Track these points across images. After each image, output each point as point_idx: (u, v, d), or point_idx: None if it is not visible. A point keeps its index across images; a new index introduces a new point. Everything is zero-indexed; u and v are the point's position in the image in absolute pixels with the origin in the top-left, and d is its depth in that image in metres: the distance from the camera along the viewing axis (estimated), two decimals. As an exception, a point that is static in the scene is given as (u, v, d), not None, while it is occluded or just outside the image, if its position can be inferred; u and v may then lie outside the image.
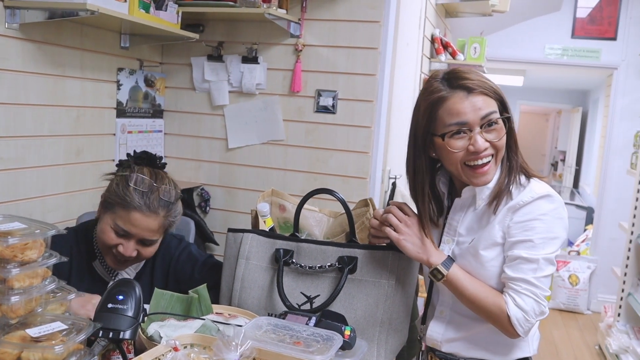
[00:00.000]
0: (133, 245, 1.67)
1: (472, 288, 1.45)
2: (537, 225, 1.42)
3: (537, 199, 1.43)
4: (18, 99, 2.11)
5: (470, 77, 1.43)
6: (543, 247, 1.42)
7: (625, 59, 5.59)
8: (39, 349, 1.04)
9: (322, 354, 1.18)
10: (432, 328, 1.60)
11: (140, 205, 1.63)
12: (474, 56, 4.29)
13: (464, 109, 1.40)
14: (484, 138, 1.41)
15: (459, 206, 1.56)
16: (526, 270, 1.41)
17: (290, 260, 1.63)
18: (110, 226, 1.65)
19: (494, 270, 1.46)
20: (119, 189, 1.65)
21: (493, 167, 1.45)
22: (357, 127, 2.71)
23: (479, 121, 1.40)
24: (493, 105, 1.43)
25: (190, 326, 1.38)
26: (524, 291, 1.41)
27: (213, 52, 2.88)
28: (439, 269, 1.46)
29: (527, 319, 1.40)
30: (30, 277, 1.10)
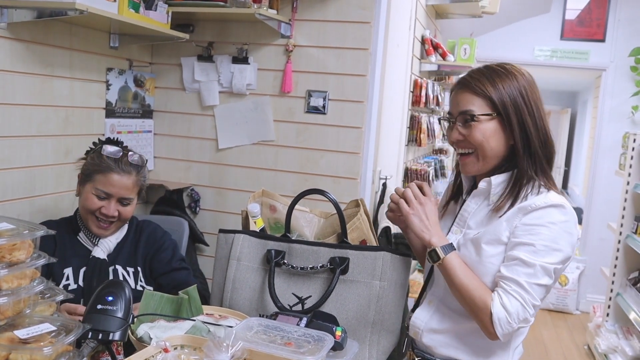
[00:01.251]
0: (114, 206, 1.91)
1: (463, 277, 1.44)
2: (542, 232, 1.41)
3: (550, 206, 1.43)
4: (5, 99, 2.09)
5: (474, 74, 1.52)
6: (544, 255, 1.40)
7: (613, 60, 5.63)
8: (27, 351, 1.03)
9: (313, 355, 1.17)
10: (416, 314, 1.61)
11: (115, 167, 1.90)
12: (463, 57, 4.30)
13: (452, 102, 1.55)
14: (459, 131, 1.51)
15: (474, 199, 1.57)
16: (521, 272, 1.40)
17: (282, 261, 1.63)
18: (92, 193, 1.89)
19: (491, 267, 1.46)
20: (94, 160, 1.92)
21: (474, 160, 1.51)
22: (348, 128, 2.70)
23: (456, 114, 1.51)
24: (476, 104, 1.48)
25: (180, 327, 1.38)
26: (512, 292, 1.39)
27: (203, 53, 2.87)
28: (437, 250, 1.47)
29: (508, 321, 1.38)
30: (18, 278, 1.08)
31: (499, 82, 1.48)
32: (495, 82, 1.48)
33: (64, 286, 1.87)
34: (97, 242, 1.95)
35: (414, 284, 4.68)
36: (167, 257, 2.05)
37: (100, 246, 1.95)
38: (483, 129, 1.47)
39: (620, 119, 5.67)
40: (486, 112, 1.47)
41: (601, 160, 5.73)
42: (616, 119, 5.68)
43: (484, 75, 1.49)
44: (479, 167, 1.52)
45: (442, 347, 1.55)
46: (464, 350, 1.53)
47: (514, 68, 1.52)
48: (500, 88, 1.47)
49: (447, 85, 5.10)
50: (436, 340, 1.56)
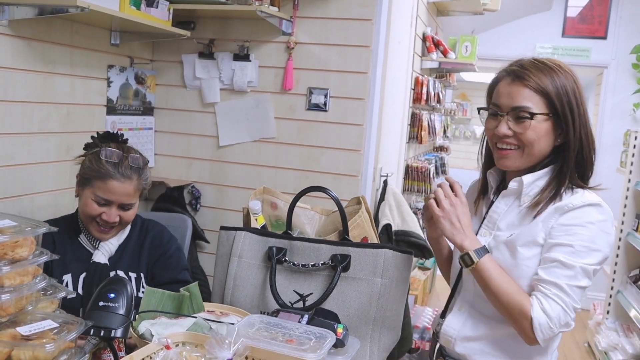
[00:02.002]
0: (115, 211, 1.82)
1: (499, 281, 1.39)
2: (581, 232, 1.37)
3: (587, 205, 1.39)
4: (6, 96, 2.09)
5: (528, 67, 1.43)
6: (583, 255, 1.36)
7: (615, 57, 5.63)
8: (29, 348, 1.03)
9: (315, 352, 1.17)
10: (448, 322, 1.56)
11: (115, 174, 1.80)
12: (465, 55, 4.30)
13: (502, 93, 1.45)
14: (508, 126, 1.43)
15: (504, 199, 1.52)
16: (560, 275, 1.35)
17: (284, 259, 1.63)
18: (92, 199, 1.80)
19: (527, 270, 1.41)
20: (93, 165, 1.81)
21: (517, 157, 1.45)
22: (349, 125, 2.70)
23: (508, 109, 1.43)
24: (533, 101, 1.40)
25: (181, 324, 1.38)
26: (553, 296, 1.35)
27: (204, 50, 2.86)
28: (470, 255, 1.41)
29: (550, 326, 1.34)
30: (20, 275, 1.09)
31: (556, 79, 1.41)
32: (553, 79, 1.41)
33: None
34: (97, 245, 1.88)
35: (414, 281, 4.69)
36: (170, 265, 1.97)
37: (101, 249, 1.87)
38: (538, 128, 1.41)
39: (621, 116, 5.67)
40: (543, 111, 1.41)
41: (602, 158, 5.72)
42: (618, 116, 5.68)
43: (540, 71, 1.42)
44: (521, 163, 1.46)
45: (478, 354, 1.50)
46: (501, 356, 1.48)
47: (565, 65, 1.46)
48: (558, 87, 1.41)
49: (448, 83, 5.10)
50: (471, 348, 1.51)
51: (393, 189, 3.06)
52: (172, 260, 1.98)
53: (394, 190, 3.06)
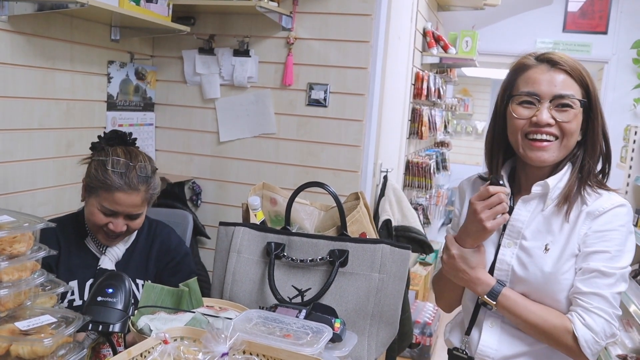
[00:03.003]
0: (122, 221, 1.75)
1: (526, 312, 1.35)
2: (615, 237, 1.33)
3: (617, 207, 1.35)
4: (7, 92, 2.10)
5: (562, 56, 1.38)
6: (619, 260, 1.32)
7: (615, 53, 5.62)
8: (28, 342, 1.03)
9: (312, 346, 1.18)
10: (484, 342, 1.44)
11: (122, 186, 1.70)
12: (465, 50, 4.29)
13: (540, 80, 1.37)
14: (551, 114, 1.35)
15: (525, 205, 1.43)
16: (601, 285, 1.30)
17: (282, 254, 1.64)
18: (97, 208, 1.73)
19: (566, 283, 1.35)
20: (99, 174, 1.71)
21: (555, 149, 1.37)
22: (349, 121, 2.71)
23: (550, 96, 1.35)
24: (574, 89, 1.36)
25: (180, 319, 1.38)
26: (594, 309, 1.29)
27: (204, 45, 2.86)
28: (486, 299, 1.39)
29: (596, 341, 1.28)
30: (19, 270, 1.09)
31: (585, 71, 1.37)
32: (586, 71, 1.37)
33: (68, 301, 1.75)
34: (104, 249, 1.82)
35: (415, 276, 4.69)
36: (179, 272, 1.92)
37: (108, 255, 1.82)
38: (579, 118, 1.36)
39: (622, 111, 5.66)
40: (582, 99, 1.36)
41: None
42: (618, 111, 5.67)
43: (574, 61, 1.37)
44: (557, 157, 1.38)
45: None
46: None
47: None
48: (591, 79, 1.37)
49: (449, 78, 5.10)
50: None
51: (393, 184, 3.06)
52: (181, 266, 1.93)
53: (394, 186, 3.06)
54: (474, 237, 1.40)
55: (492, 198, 1.35)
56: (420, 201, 4.38)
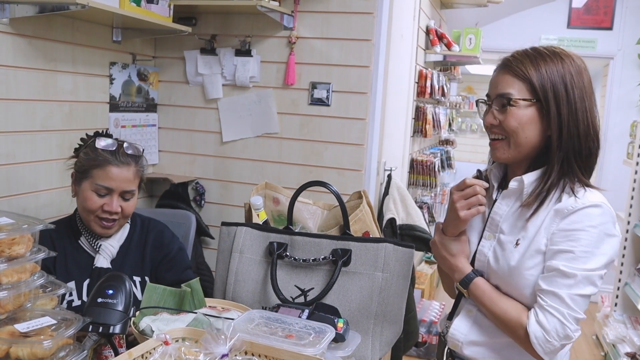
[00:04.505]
0: (116, 201, 1.78)
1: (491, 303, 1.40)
2: (582, 237, 1.31)
3: (589, 207, 1.33)
4: (9, 94, 2.10)
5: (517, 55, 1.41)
6: (585, 261, 1.30)
7: (621, 48, 5.58)
8: (27, 344, 1.03)
9: (314, 347, 1.17)
10: (455, 326, 1.51)
11: (113, 160, 1.77)
12: (469, 47, 4.27)
13: (491, 83, 1.44)
14: (494, 115, 1.40)
15: (505, 200, 1.46)
16: (560, 284, 1.30)
17: (284, 254, 1.63)
18: (91, 190, 1.76)
19: (531, 279, 1.36)
20: (89, 155, 1.78)
21: (505, 147, 1.41)
22: (352, 120, 2.70)
23: (494, 96, 1.41)
24: (516, 88, 1.37)
25: (182, 320, 1.38)
26: (549, 308, 1.30)
27: (206, 46, 2.86)
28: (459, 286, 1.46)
29: (547, 339, 1.30)
30: (18, 272, 1.09)
31: (542, 65, 1.36)
32: (538, 64, 1.37)
33: (67, 302, 1.75)
34: (98, 248, 1.81)
35: (420, 275, 4.68)
36: (174, 267, 1.92)
37: (102, 253, 1.81)
38: (520, 115, 1.37)
39: (628, 107, 5.62)
40: (525, 96, 1.36)
41: (609, 150, 5.68)
42: (624, 107, 5.63)
43: (527, 57, 1.38)
44: (510, 155, 1.41)
45: (486, 358, 1.47)
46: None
47: (564, 52, 1.40)
48: (543, 72, 1.36)
49: (453, 76, 5.08)
50: (477, 352, 1.47)
51: (397, 183, 3.05)
52: (175, 261, 1.93)
53: (398, 184, 3.05)
54: (452, 225, 1.47)
55: (468, 189, 1.43)
56: (425, 200, 4.37)
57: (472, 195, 1.42)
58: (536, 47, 1.42)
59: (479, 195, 1.42)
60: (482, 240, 1.48)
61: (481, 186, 1.43)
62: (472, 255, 1.50)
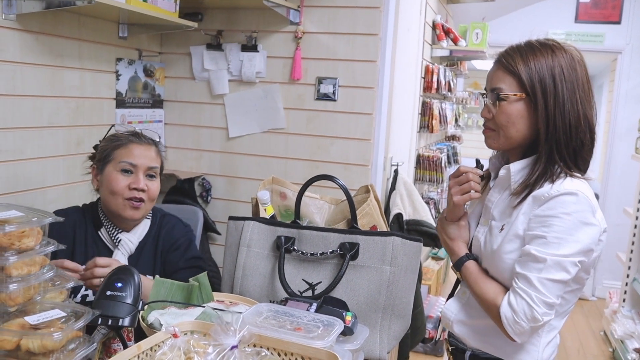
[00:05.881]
0: (143, 178, 1.79)
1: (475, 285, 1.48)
2: (555, 223, 1.34)
3: (564, 194, 1.35)
4: (16, 90, 2.10)
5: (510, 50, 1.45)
6: (557, 247, 1.33)
7: (629, 42, 5.54)
8: (38, 336, 1.03)
9: (323, 339, 1.17)
10: (448, 305, 1.62)
11: (135, 139, 1.83)
12: (475, 42, 4.25)
13: (487, 77, 1.50)
14: (488, 109, 1.47)
15: (497, 188, 1.53)
16: (531, 268, 1.35)
17: (292, 248, 1.63)
18: (117, 170, 1.78)
19: (510, 263, 1.41)
20: (110, 141, 1.83)
21: (495, 137, 1.47)
22: (358, 114, 2.69)
23: (488, 91, 1.47)
24: (506, 82, 1.42)
25: (190, 314, 1.38)
26: (519, 290, 1.35)
27: (212, 41, 2.86)
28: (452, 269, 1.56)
29: (515, 320, 1.34)
30: (28, 265, 1.09)
31: (531, 59, 1.39)
32: (528, 59, 1.39)
33: (82, 296, 1.72)
34: (118, 242, 1.80)
35: (427, 271, 4.67)
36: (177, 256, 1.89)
37: (121, 249, 1.80)
38: (509, 109, 1.41)
39: (636, 102, 5.58)
40: (514, 91, 1.41)
41: (617, 145, 5.65)
42: (632, 102, 5.59)
43: (518, 52, 1.42)
44: (500, 144, 1.48)
45: (472, 339, 1.55)
46: (493, 343, 1.51)
47: (557, 45, 1.42)
48: (532, 66, 1.39)
49: (459, 71, 5.06)
50: (465, 332, 1.56)
51: (404, 178, 3.04)
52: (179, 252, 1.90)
53: (405, 180, 3.05)
54: (449, 210, 1.57)
55: (462, 176, 1.51)
56: (432, 195, 4.36)
57: (465, 181, 1.50)
58: (530, 41, 1.45)
59: (472, 182, 1.49)
60: (478, 226, 1.56)
61: (474, 173, 1.51)
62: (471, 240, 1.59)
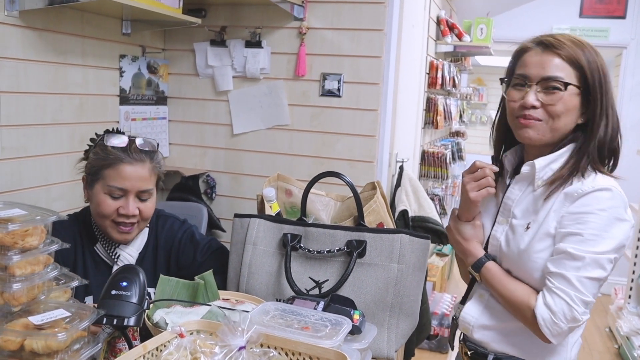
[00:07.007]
0: (133, 202, 1.63)
1: (500, 286, 1.43)
2: (591, 220, 1.31)
3: (597, 190, 1.32)
4: (19, 87, 2.09)
5: (560, 39, 1.38)
6: (593, 244, 1.30)
7: (634, 37, 5.50)
8: (42, 337, 1.02)
9: (331, 339, 1.15)
10: (467, 310, 1.55)
11: (125, 157, 1.62)
12: (480, 37, 4.23)
13: (531, 62, 1.39)
14: (537, 97, 1.37)
15: (518, 185, 1.47)
16: (568, 267, 1.30)
17: (298, 245, 1.61)
18: (105, 192, 1.62)
19: (540, 262, 1.37)
20: (99, 155, 1.63)
21: (541, 128, 1.38)
22: (363, 111, 2.67)
23: (538, 78, 1.37)
24: (565, 72, 1.35)
25: (196, 312, 1.36)
26: (557, 290, 1.31)
27: (216, 37, 2.84)
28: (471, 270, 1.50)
29: (554, 321, 1.30)
30: (31, 264, 1.07)
31: (588, 54, 1.36)
32: (585, 53, 1.36)
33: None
34: (116, 258, 1.69)
35: (432, 267, 4.65)
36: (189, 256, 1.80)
37: (120, 263, 1.69)
38: (568, 101, 1.35)
39: (641, 97, 5.55)
40: (575, 83, 1.36)
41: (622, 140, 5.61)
42: (637, 97, 5.56)
43: (573, 43, 1.37)
44: (543, 136, 1.39)
45: (495, 342, 1.49)
46: (520, 346, 1.46)
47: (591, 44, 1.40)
48: (591, 60, 1.36)
49: (463, 67, 5.03)
50: (488, 336, 1.50)
51: (409, 174, 3.02)
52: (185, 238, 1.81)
53: (410, 176, 3.03)
54: (464, 208, 1.52)
55: (478, 172, 1.47)
56: (436, 191, 4.34)
57: (482, 177, 1.46)
58: (568, 35, 1.41)
59: (489, 177, 1.46)
60: (495, 224, 1.51)
61: (491, 169, 1.47)
62: (486, 240, 1.53)
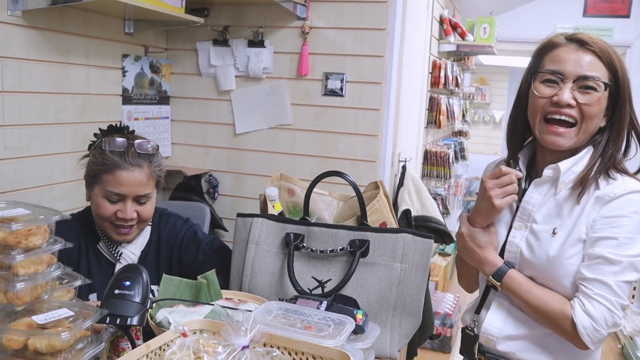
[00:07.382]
0: (131, 207, 1.64)
1: (528, 295, 1.36)
2: (625, 223, 1.28)
3: (631, 192, 1.31)
4: (22, 87, 2.09)
5: (592, 37, 1.34)
6: (629, 247, 1.27)
7: (639, 36, 5.49)
8: (45, 336, 1.02)
9: (334, 338, 1.15)
10: (489, 321, 1.47)
11: (122, 163, 1.62)
12: (483, 37, 4.22)
13: (566, 59, 1.34)
14: (573, 95, 1.32)
15: (537, 188, 1.42)
16: (606, 272, 1.27)
17: (301, 245, 1.61)
18: (102, 196, 1.63)
19: (571, 268, 1.33)
20: (97, 159, 1.64)
21: (573, 135, 1.34)
22: (366, 110, 2.67)
23: (575, 76, 1.33)
24: (600, 71, 1.32)
25: (199, 312, 1.36)
26: (596, 296, 1.27)
27: (218, 37, 2.84)
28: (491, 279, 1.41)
29: (595, 329, 1.26)
30: (35, 263, 1.08)
31: (616, 55, 1.34)
32: (615, 53, 1.34)
33: None
34: (119, 256, 1.71)
35: (434, 267, 4.65)
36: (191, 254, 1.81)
37: (123, 262, 1.71)
38: (602, 102, 1.32)
39: (645, 97, 5.53)
40: (610, 84, 1.33)
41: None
42: (641, 96, 5.54)
43: (605, 44, 1.34)
44: (574, 142, 1.35)
45: (522, 352, 1.43)
46: (550, 353, 1.40)
47: None
48: (621, 62, 1.34)
49: (466, 67, 5.02)
50: (514, 346, 1.43)
51: (412, 174, 3.02)
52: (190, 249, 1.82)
53: (413, 176, 3.02)
54: (484, 215, 1.43)
55: (504, 177, 1.39)
56: (439, 191, 4.33)
57: (509, 183, 1.38)
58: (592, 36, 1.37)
59: (515, 184, 1.39)
60: (512, 230, 1.44)
61: (516, 175, 1.40)
62: (501, 246, 1.46)
